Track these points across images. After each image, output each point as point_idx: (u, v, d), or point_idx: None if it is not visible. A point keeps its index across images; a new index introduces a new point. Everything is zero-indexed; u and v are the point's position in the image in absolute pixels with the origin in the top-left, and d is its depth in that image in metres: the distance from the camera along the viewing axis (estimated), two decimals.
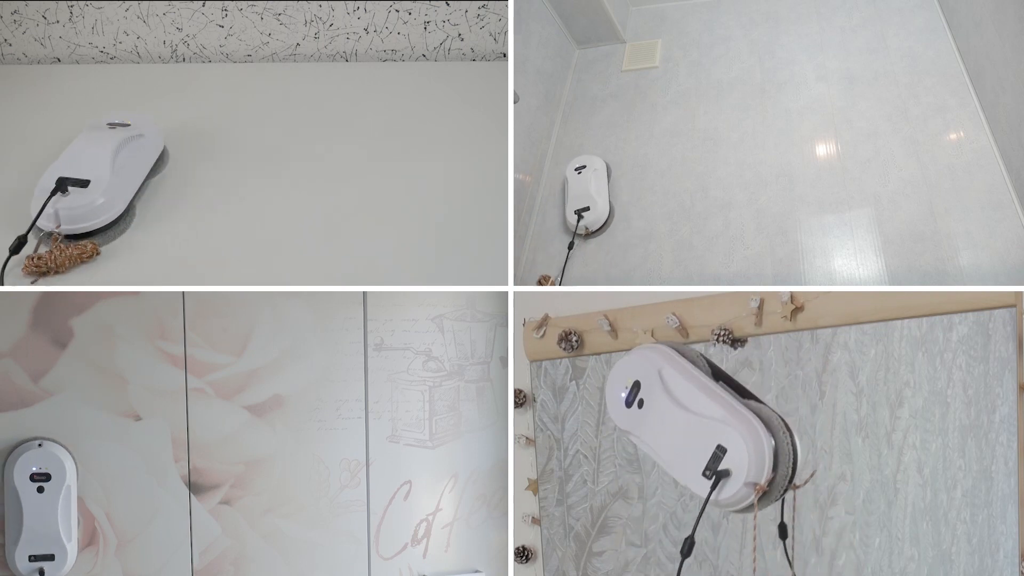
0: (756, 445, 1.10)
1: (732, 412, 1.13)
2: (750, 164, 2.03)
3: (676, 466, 1.18)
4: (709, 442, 1.13)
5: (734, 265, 1.84)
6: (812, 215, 1.86)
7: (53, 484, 1.50)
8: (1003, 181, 1.77)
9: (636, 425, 1.22)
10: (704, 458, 1.13)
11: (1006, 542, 1.17)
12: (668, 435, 1.18)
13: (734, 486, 1.10)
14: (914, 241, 1.74)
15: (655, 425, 1.20)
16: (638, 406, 1.21)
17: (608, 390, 1.26)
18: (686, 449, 1.15)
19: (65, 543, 1.50)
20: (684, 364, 1.20)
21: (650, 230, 1.98)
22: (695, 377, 1.18)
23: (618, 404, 1.24)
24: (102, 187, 1.50)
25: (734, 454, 1.11)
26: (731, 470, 1.11)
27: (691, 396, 1.17)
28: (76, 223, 1.48)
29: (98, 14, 2.01)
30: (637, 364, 1.23)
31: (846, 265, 1.76)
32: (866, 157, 1.92)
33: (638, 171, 2.13)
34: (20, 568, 1.49)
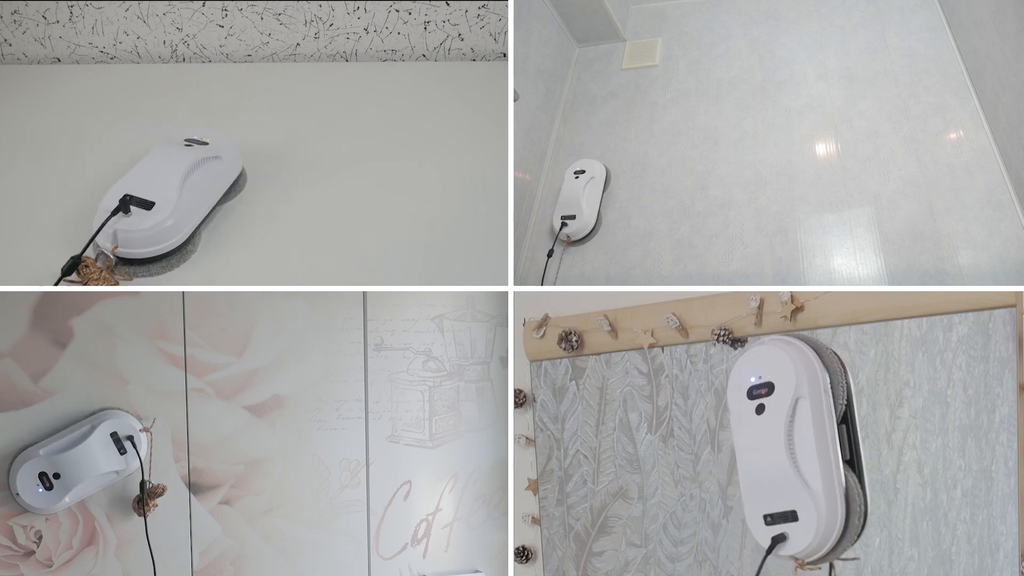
0: (825, 533, 1.11)
1: (827, 489, 1.12)
2: (750, 163, 2.03)
3: (747, 489, 1.18)
4: (789, 500, 1.13)
5: (734, 264, 1.84)
6: (812, 214, 1.86)
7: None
8: (1003, 181, 1.77)
9: (742, 420, 1.18)
10: (776, 507, 1.14)
11: (1006, 542, 1.17)
12: (760, 460, 1.16)
13: (783, 549, 1.13)
14: (914, 240, 1.74)
15: (756, 440, 1.17)
16: (756, 410, 1.17)
17: (740, 367, 1.20)
18: (766, 486, 1.15)
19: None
20: (823, 403, 1.14)
21: (650, 228, 1.98)
22: (822, 427, 1.13)
23: (741, 385, 1.19)
24: (167, 211, 1.43)
25: (802, 529, 1.12)
26: (788, 537, 1.13)
27: (805, 449, 1.13)
28: (132, 247, 1.43)
29: (98, 14, 2.01)
30: (784, 369, 1.16)
31: (845, 264, 1.76)
32: (866, 156, 1.92)
33: (638, 169, 2.13)
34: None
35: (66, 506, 1.53)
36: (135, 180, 1.47)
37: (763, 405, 1.16)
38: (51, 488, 1.51)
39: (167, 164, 1.50)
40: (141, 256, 1.44)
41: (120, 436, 1.54)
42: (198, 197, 1.51)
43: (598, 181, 2.06)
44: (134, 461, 1.55)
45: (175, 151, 1.53)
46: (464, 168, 1.72)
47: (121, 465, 1.54)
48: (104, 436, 1.53)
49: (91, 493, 1.55)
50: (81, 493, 1.53)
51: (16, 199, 1.62)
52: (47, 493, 1.51)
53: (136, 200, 1.43)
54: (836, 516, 1.12)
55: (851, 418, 1.16)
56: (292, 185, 1.66)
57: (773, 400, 1.16)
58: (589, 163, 2.10)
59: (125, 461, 1.54)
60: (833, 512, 1.12)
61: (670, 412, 1.48)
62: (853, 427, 1.16)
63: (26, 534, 1.55)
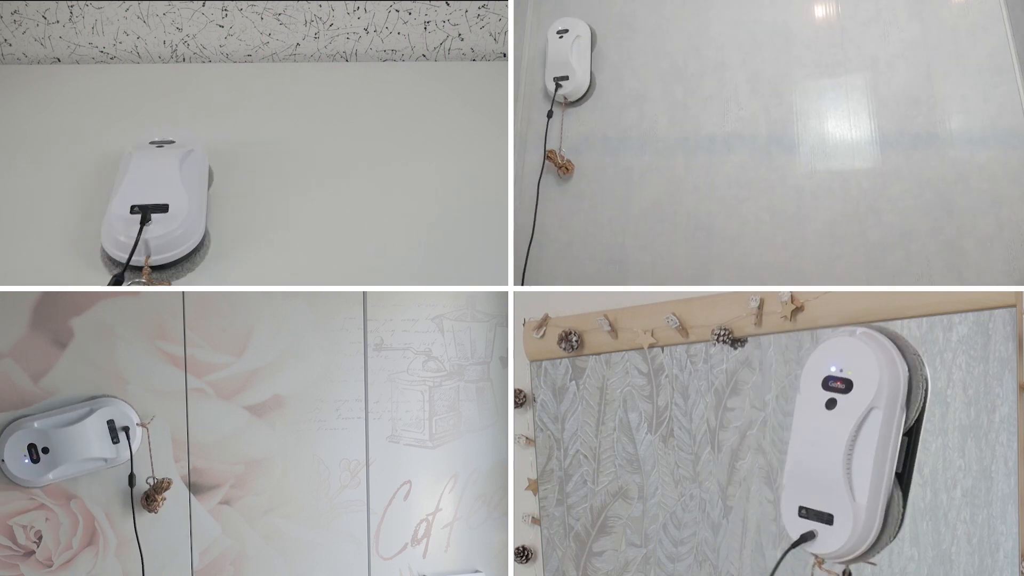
0: (856, 544, 1.11)
1: (871, 505, 1.09)
2: (744, 23, 1.95)
3: (791, 476, 1.16)
4: (830, 503, 1.12)
5: (728, 126, 1.81)
6: (808, 77, 1.82)
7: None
8: (1007, 44, 1.72)
9: (808, 407, 1.15)
10: (814, 503, 1.13)
11: (1006, 542, 1.17)
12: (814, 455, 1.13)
13: (810, 546, 1.12)
14: (908, 105, 1.71)
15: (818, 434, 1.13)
16: (827, 404, 1.13)
17: (822, 353, 1.16)
18: (812, 481, 1.13)
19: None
20: (894, 420, 1.10)
21: (643, 91, 1.93)
22: (886, 444, 1.10)
23: (819, 371, 1.14)
24: (184, 210, 1.43)
25: (834, 534, 1.11)
26: (817, 537, 1.12)
27: (862, 461, 1.11)
28: (164, 252, 1.42)
29: (98, 14, 2.00)
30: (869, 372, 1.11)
31: (838, 127, 1.73)
32: (867, 17, 1.86)
33: (626, 30, 2.04)
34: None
35: (48, 482, 1.53)
36: (133, 189, 1.46)
37: (835, 400, 1.13)
38: (37, 461, 1.51)
39: (156, 167, 1.50)
40: (172, 259, 1.43)
41: (116, 425, 1.54)
42: (195, 190, 1.51)
43: (584, 40, 1.99)
44: (125, 452, 1.55)
45: (155, 153, 1.53)
46: (464, 168, 1.72)
47: (112, 454, 1.54)
48: (100, 421, 1.53)
49: (75, 475, 1.54)
50: (66, 473, 1.53)
51: (16, 199, 1.62)
52: (32, 465, 1.51)
53: (150, 207, 1.42)
54: (871, 531, 1.10)
55: (917, 431, 1.12)
56: (292, 185, 1.66)
57: (847, 400, 1.12)
58: (571, 21, 2.01)
59: (116, 451, 1.54)
60: (869, 527, 1.10)
61: (670, 412, 1.48)
62: (915, 440, 1.12)
63: (26, 534, 1.55)
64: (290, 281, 1.49)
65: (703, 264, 1.74)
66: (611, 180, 1.87)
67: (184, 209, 1.43)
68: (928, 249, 1.60)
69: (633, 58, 1.99)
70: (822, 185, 1.70)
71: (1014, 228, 1.55)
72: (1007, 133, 1.63)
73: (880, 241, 1.63)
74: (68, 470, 1.53)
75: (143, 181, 1.47)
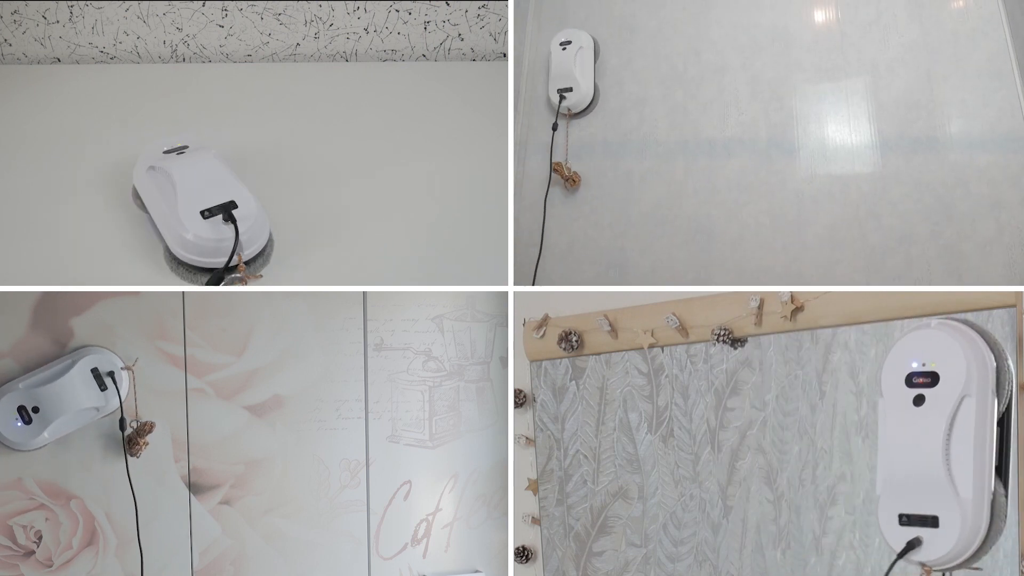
0: (966, 545, 1.05)
1: (976, 500, 1.03)
2: (744, 27, 1.95)
3: (887, 483, 1.11)
4: (934, 504, 1.06)
5: (728, 130, 1.82)
6: (808, 81, 1.82)
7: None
8: (1006, 49, 1.72)
9: (895, 409, 1.10)
10: (916, 508, 1.07)
11: (1006, 542, 1.17)
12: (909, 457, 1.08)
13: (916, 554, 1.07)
14: (908, 109, 1.72)
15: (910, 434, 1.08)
16: (915, 400, 1.07)
17: (901, 349, 1.11)
18: (911, 484, 1.08)
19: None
20: (988, 404, 1.04)
21: (643, 95, 1.94)
22: (984, 432, 1.04)
23: (900, 369, 1.09)
24: (251, 205, 1.46)
25: (941, 536, 1.05)
26: (923, 543, 1.07)
27: (963, 452, 1.04)
28: (249, 247, 1.45)
29: (98, 14, 2.00)
30: (955, 360, 1.06)
31: (838, 131, 1.74)
32: (867, 21, 1.86)
33: (626, 33, 2.04)
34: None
35: (45, 442, 1.52)
36: (191, 198, 1.46)
37: (923, 396, 1.08)
38: (30, 422, 1.50)
39: (200, 170, 1.50)
40: (257, 252, 1.46)
41: (101, 372, 1.53)
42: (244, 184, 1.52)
43: (587, 51, 1.99)
44: (114, 399, 1.54)
45: (190, 159, 1.52)
46: (464, 168, 1.72)
47: (101, 402, 1.53)
48: (85, 371, 1.53)
49: (71, 430, 1.54)
50: (60, 429, 1.52)
51: (16, 199, 1.62)
52: (26, 427, 1.50)
53: (219, 208, 1.43)
54: (980, 528, 1.05)
55: (1007, 421, 1.06)
56: (292, 185, 1.66)
57: (936, 393, 1.07)
58: (574, 33, 2.02)
59: (105, 398, 1.54)
60: (977, 524, 1.05)
61: (670, 412, 1.48)
62: (1007, 430, 1.06)
63: (26, 534, 1.55)
64: (290, 281, 1.49)
65: (703, 268, 1.74)
66: (611, 184, 1.87)
67: (251, 203, 1.46)
68: (928, 253, 1.60)
69: (633, 62, 1.99)
70: (822, 189, 1.71)
71: (1014, 232, 1.56)
72: (1006, 137, 1.63)
73: (880, 245, 1.63)
74: (62, 426, 1.52)
75: (196, 189, 1.47)
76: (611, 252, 1.83)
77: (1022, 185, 1.59)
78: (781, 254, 1.70)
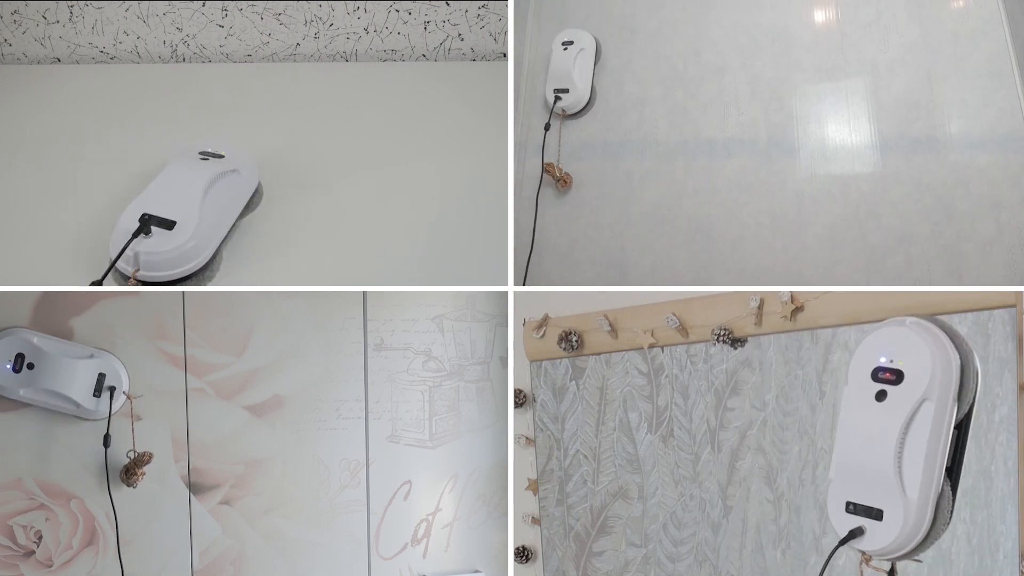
0: (905, 541, 1.08)
1: (921, 501, 1.07)
2: (744, 27, 1.95)
3: (840, 470, 1.13)
4: (880, 498, 1.09)
5: (728, 130, 1.82)
6: (808, 81, 1.82)
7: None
8: (1006, 49, 1.72)
9: (857, 399, 1.12)
10: (864, 499, 1.10)
11: (1006, 542, 1.17)
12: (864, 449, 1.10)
13: (858, 543, 1.10)
14: (908, 109, 1.72)
15: (868, 427, 1.11)
16: (877, 396, 1.10)
17: (872, 343, 1.13)
18: (861, 476, 1.11)
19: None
20: (946, 411, 1.07)
21: (643, 95, 1.94)
22: (938, 438, 1.07)
23: (868, 361, 1.12)
24: (189, 231, 1.39)
25: (883, 530, 1.09)
26: (866, 533, 1.10)
27: (914, 454, 1.08)
28: (155, 270, 1.38)
29: (98, 14, 2.01)
30: (921, 363, 1.08)
31: (838, 131, 1.74)
32: (867, 21, 1.86)
33: (626, 33, 2.04)
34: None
35: (18, 397, 1.51)
36: (153, 197, 1.43)
37: (885, 392, 1.10)
38: (19, 372, 1.50)
39: (185, 180, 1.45)
40: (162, 279, 1.39)
41: (105, 382, 1.53)
42: (218, 214, 1.46)
43: (588, 53, 1.98)
44: (103, 410, 1.54)
45: (192, 165, 1.49)
46: (464, 168, 1.72)
47: (89, 404, 1.53)
48: (93, 371, 1.53)
49: (44, 404, 1.52)
50: (37, 397, 1.51)
51: (16, 199, 1.62)
52: (12, 374, 1.49)
53: (156, 220, 1.38)
54: (922, 526, 1.08)
55: (966, 424, 1.09)
56: (292, 185, 1.66)
57: (898, 392, 1.09)
58: (577, 33, 2.01)
59: (95, 404, 1.53)
60: (920, 522, 1.08)
61: (670, 412, 1.48)
62: (965, 433, 1.09)
63: (26, 534, 1.55)
64: (290, 281, 1.49)
65: (703, 268, 1.74)
66: (611, 184, 1.87)
67: (189, 232, 1.39)
68: (928, 253, 1.60)
69: (633, 62, 1.99)
70: (822, 189, 1.71)
71: (1014, 232, 1.56)
72: (1006, 137, 1.63)
73: (880, 245, 1.63)
74: (40, 395, 1.51)
75: (165, 192, 1.44)
76: (611, 252, 1.83)
77: (1022, 185, 1.59)
78: (781, 254, 1.70)
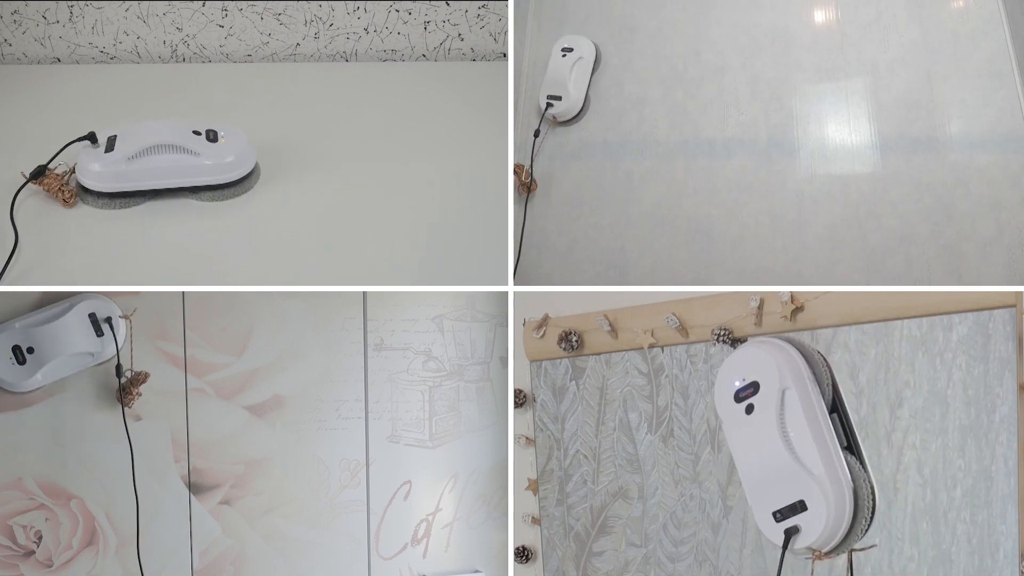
0: (837, 517, 1.10)
1: (830, 472, 1.11)
2: (744, 27, 1.94)
3: (752, 490, 1.17)
4: (795, 491, 1.12)
5: (729, 130, 1.82)
6: (808, 81, 1.82)
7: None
8: (1006, 49, 1.72)
9: (733, 424, 1.18)
10: (783, 501, 1.13)
11: (1006, 542, 1.17)
12: (758, 459, 1.16)
13: (798, 541, 1.12)
14: (908, 109, 1.72)
15: (752, 440, 1.16)
16: (746, 410, 1.17)
17: (724, 373, 1.20)
18: (770, 483, 1.15)
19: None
20: (809, 391, 1.14)
21: (643, 95, 1.94)
22: (813, 413, 1.13)
23: (727, 391, 1.19)
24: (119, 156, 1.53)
25: (812, 517, 1.11)
26: (801, 528, 1.12)
27: (800, 435, 1.13)
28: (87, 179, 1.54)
29: (98, 14, 2.01)
30: (766, 365, 1.16)
31: (838, 131, 1.74)
32: (867, 21, 1.86)
33: (626, 34, 2.03)
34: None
35: (38, 385, 1.52)
36: (133, 127, 1.57)
37: (752, 405, 1.16)
38: (24, 363, 1.50)
39: (162, 130, 1.57)
40: (95, 189, 1.53)
41: (99, 318, 1.53)
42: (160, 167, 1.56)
43: (587, 61, 1.97)
44: (110, 345, 1.54)
45: (182, 127, 1.59)
46: (464, 168, 1.72)
47: (97, 347, 1.53)
48: (82, 315, 1.52)
49: (66, 374, 1.53)
50: (55, 372, 1.52)
51: None
52: (19, 368, 1.50)
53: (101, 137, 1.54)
54: (844, 498, 1.10)
55: (841, 406, 1.15)
56: (292, 185, 1.66)
57: (760, 397, 1.15)
58: (577, 40, 1.99)
59: (101, 344, 1.53)
60: (840, 493, 1.10)
61: (670, 412, 1.48)
62: (845, 415, 1.15)
63: (26, 534, 1.55)
64: (290, 281, 1.49)
65: (703, 268, 1.74)
66: (611, 184, 1.87)
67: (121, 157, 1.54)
68: (928, 253, 1.60)
69: (633, 62, 1.99)
70: (822, 189, 1.71)
71: (1014, 232, 1.56)
72: (1006, 137, 1.63)
73: (880, 245, 1.63)
74: (56, 369, 1.52)
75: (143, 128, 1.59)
76: (611, 252, 1.83)
77: (1022, 185, 1.59)
78: (781, 254, 1.70)
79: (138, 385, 1.54)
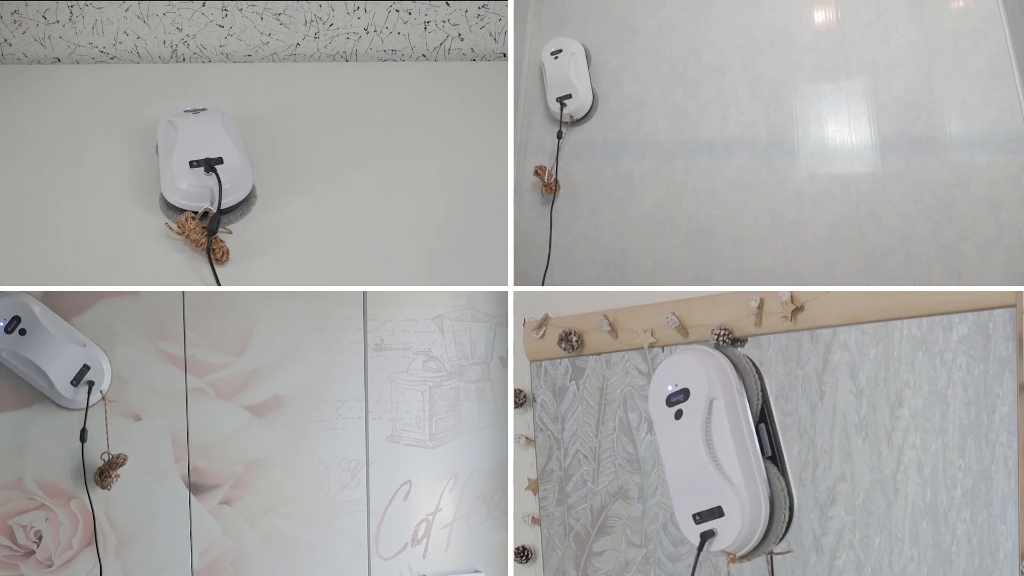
0: (751, 525, 1.17)
1: (748, 482, 1.18)
2: (744, 27, 1.95)
3: (676, 491, 1.24)
4: (714, 497, 1.19)
5: (728, 130, 1.82)
6: (808, 81, 1.82)
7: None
8: (1006, 49, 1.72)
9: (663, 427, 1.24)
10: (703, 504, 1.20)
11: (1006, 542, 1.17)
12: (683, 463, 1.22)
13: (713, 544, 1.20)
14: (908, 109, 1.72)
15: (678, 444, 1.23)
16: (676, 415, 1.23)
17: (657, 377, 1.26)
18: (691, 486, 1.21)
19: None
20: (736, 403, 1.21)
21: (643, 95, 1.94)
22: (738, 424, 1.20)
23: (660, 394, 1.25)
24: (236, 162, 1.53)
25: (728, 523, 1.18)
26: (717, 533, 1.19)
27: (723, 446, 1.20)
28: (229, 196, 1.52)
29: (98, 14, 2.01)
30: (697, 374, 1.22)
31: (838, 131, 1.74)
32: (867, 22, 1.86)
33: (626, 33, 2.04)
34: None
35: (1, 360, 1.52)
36: (188, 148, 1.54)
37: (681, 411, 1.22)
38: (9, 334, 1.50)
39: (203, 127, 1.57)
40: (232, 204, 1.52)
41: (88, 375, 1.53)
42: (237, 145, 1.58)
43: (579, 58, 1.99)
44: (79, 400, 1.54)
45: (196, 117, 1.60)
46: (464, 168, 1.72)
47: (65, 392, 1.53)
48: (80, 361, 1.53)
49: (22, 374, 1.52)
50: (15, 363, 1.52)
51: (16, 199, 1.62)
52: (3, 334, 1.50)
53: (209, 161, 1.51)
54: (760, 507, 1.17)
55: (769, 417, 1.21)
56: (292, 185, 1.66)
57: (689, 404, 1.22)
58: (564, 41, 2.01)
59: (72, 392, 1.53)
60: (756, 503, 1.17)
61: None
62: (772, 426, 1.21)
63: (26, 534, 1.55)
64: (290, 281, 1.49)
65: (703, 268, 1.75)
66: (611, 184, 1.87)
67: (236, 160, 1.53)
68: (928, 253, 1.60)
69: (633, 62, 1.99)
70: (822, 189, 1.71)
71: (1014, 232, 1.56)
72: (1006, 137, 1.63)
73: (880, 245, 1.64)
74: (21, 364, 1.51)
75: (195, 140, 1.55)
76: (611, 252, 1.83)
77: (1022, 185, 1.59)
78: (781, 254, 1.70)
79: (116, 468, 1.55)
